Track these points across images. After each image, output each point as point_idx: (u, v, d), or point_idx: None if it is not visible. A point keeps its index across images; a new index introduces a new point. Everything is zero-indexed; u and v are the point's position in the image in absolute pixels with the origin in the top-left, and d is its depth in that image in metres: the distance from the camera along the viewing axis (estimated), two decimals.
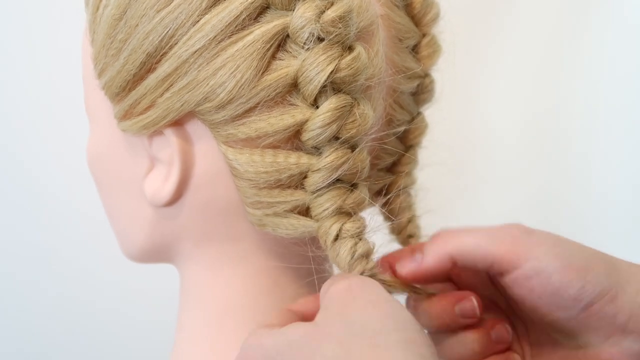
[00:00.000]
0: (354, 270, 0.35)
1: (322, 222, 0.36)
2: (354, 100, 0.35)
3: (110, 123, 0.39)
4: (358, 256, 0.35)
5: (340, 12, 0.33)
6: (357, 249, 0.35)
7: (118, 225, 0.45)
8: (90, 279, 0.87)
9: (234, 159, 0.36)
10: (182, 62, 0.34)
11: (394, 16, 0.40)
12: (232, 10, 0.34)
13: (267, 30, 0.34)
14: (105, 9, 0.37)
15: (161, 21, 0.35)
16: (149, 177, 0.39)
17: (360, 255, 0.35)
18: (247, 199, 0.37)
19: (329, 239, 0.36)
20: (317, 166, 0.35)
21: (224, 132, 0.36)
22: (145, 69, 0.36)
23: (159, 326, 0.77)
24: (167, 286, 0.63)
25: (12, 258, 0.88)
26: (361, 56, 0.35)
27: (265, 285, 0.41)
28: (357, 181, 0.37)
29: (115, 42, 0.37)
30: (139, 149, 0.39)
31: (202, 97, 0.35)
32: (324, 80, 0.33)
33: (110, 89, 0.38)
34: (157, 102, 0.36)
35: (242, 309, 0.41)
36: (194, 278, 0.42)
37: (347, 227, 0.35)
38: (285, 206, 0.36)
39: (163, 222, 0.41)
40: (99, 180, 0.45)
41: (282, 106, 0.35)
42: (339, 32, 0.33)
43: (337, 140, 0.35)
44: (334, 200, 0.35)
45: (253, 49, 0.34)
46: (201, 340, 0.42)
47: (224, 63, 0.34)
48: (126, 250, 0.45)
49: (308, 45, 0.34)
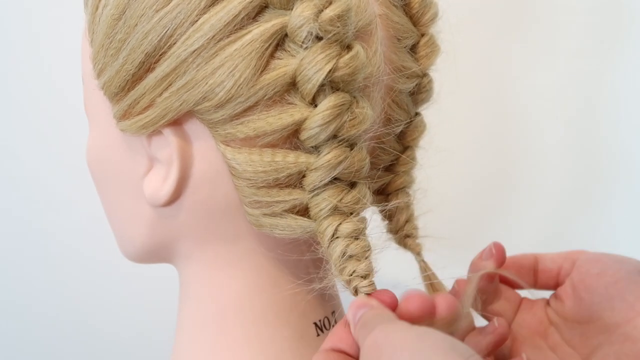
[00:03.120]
0: (344, 272, 0.35)
1: (319, 222, 0.36)
2: (352, 99, 0.35)
3: (110, 123, 0.39)
4: (347, 257, 0.35)
5: (338, 11, 0.33)
6: (347, 250, 0.35)
7: (117, 225, 0.45)
8: (89, 279, 0.87)
9: (232, 158, 0.36)
10: (180, 61, 0.35)
11: (392, 16, 0.40)
12: (231, 10, 0.34)
13: (265, 29, 0.34)
14: (104, 9, 0.37)
15: (160, 21, 0.35)
16: (148, 176, 0.39)
17: (350, 256, 0.35)
18: (245, 198, 0.37)
19: (325, 240, 0.36)
20: (315, 165, 0.35)
21: (223, 132, 0.36)
22: (144, 68, 0.36)
23: (159, 326, 0.77)
24: (166, 286, 0.64)
25: (12, 258, 0.88)
26: (359, 55, 0.35)
27: (264, 285, 0.41)
28: (356, 180, 0.37)
29: (114, 42, 0.37)
30: (138, 148, 0.39)
31: (201, 96, 0.35)
32: (323, 79, 0.33)
33: (109, 88, 0.38)
34: (156, 102, 0.36)
35: (241, 308, 0.41)
36: (193, 278, 0.42)
37: (343, 227, 0.35)
38: (284, 206, 0.36)
39: (162, 221, 0.41)
40: (98, 180, 0.45)
41: (280, 105, 0.35)
42: (338, 31, 0.33)
43: (335, 139, 0.35)
44: (330, 200, 0.35)
45: (251, 48, 0.34)
46: (201, 340, 0.42)
47: (222, 62, 0.34)
48: (125, 250, 0.45)
49: (306, 44, 0.34)
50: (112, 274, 0.85)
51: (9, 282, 0.89)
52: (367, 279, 0.35)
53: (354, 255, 0.35)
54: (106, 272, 0.86)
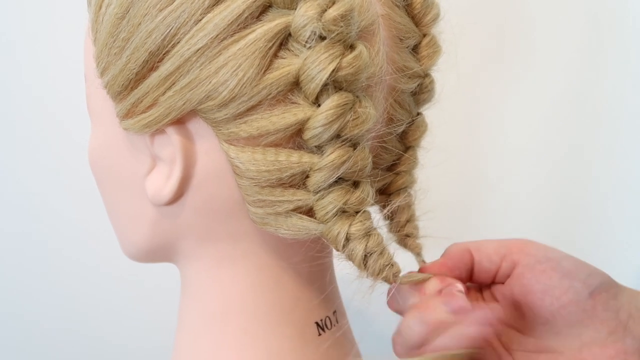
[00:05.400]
0: (374, 271, 0.36)
1: (328, 227, 0.36)
2: (355, 98, 0.35)
3: (113, 122, 0.40)
4: (370, 256, 0.36)
5: (342, 11, 0.33)
6: (367, 250, 0.36)
7: (119, 225, 0.45)
8: (90, 278, 0.87)
9: (235, 157, 0.36)
10: (184, 60, 0.35)
11: (394, 16, 0.40)
12: (235, 9, 0.34)
13: (269, 28, 0.34)
14: (107, 8, 0.37)
15: (164, 20, 0.35)
16: (151, 175, 0.39)
17: (372, 254, 0.36)
18: (248, 197, 0.37)
19: (339, 245, 0.36)
20: (319, 165, 0.35)
21: (226, 131, 0.36)
22: (148, 67, 0.36)
23: (159, 326, 0.77)
24: (168, 285, 0.64)
25: (12, 258, 0.88)
26: (363, 55, 0.35)
27: (267, 284, 0.41)
28: (360, 179, 0.37)
29: (117, 40, 0.37)
30: (140, 147, 0.39)
31: (204, 95, 0.35)
32: (326, 78, 0.33)
33: (112, 87, 0.38)
34: (160, 101, 0.36)
35: (243, 308, 0.41)
36: (195, 277, 0.42)
37: (354, 229, 0.36)
38: (288, 206, 0.36)
39: (164, 221, 0.41)
40: (101, 179, 0.45)
41: (284, 104, 0.35)
42: (341, 30, 0.33)
43: (338, 139, 0.35)
44: (336, 203, 0.36)
45: (255, 47, 0.34)
46: (202, 339, 0.42)
47: (226, 61, 0.34)
48: (127, 249, 0.45)
49: (310, 43, 0.34)
50: (113, 273, 0.85)
51: (9, 283, 0.89)
52: (395, 266, 0.37)
53: (374, 252, 0.36)
54: (107, 272, 0.86)
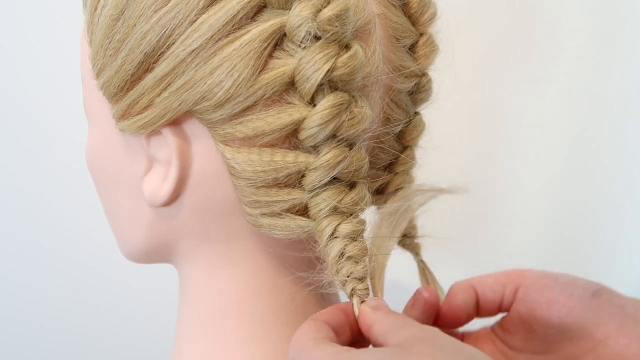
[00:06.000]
0: (340, 273, 0.35)
1: (318, 222, 0.36)
2: (351, 98, 0.35)
3: (109, 123, 0.40)
4: (344, 258, 0.35)
5: (336, 11, 0.33)
6: (345, 251, 0.35)
7: (117, 226, 0.45)
8: (89, 279, 0.87)
9: (231, 158, 0.36)
10: (179, 61, 0.35)
11: (390, 15, 0.40)
12: (229, 10, 0.34)
13: (264, 29, 0.34)
14: (103, 10, 0.38)
15: (158, 21, 0.35)
16: (147, 177, 0.39)
17: (347, 257, 0.35)
18: (244, 197, 0.37)
19: (323, 239, 0.36)
20: (315, 164, 0.35)
21: (222, 131, 0.36)
22: (143, 68, 0.36)
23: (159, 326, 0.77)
24: (166, 286, 0.64)
25: (12, 258, 0.88)
26: (358, 54, 0.35)
27: (264, 285, 0.41)
28: (356, 179, 0.37)
29: (113, 42, 0.37)
30: (137, 149, 0.39)
31: (200, 96, 0.35)
32: (321, 78, 0.33)
33: (108, 89, 0.38)
34: (155, 102, 0.36)
35: (241, 308, 0.41)
36: (192, 278, 0.42)
37: (342, 227, 0.35)
38: (283, 205, 0.36)
39: (161, 222, 0.41)
40: (98, 181, 0.45)
41: (279, 105, 0.35)
42: (336, 30, 0.33)
43: (334, 139, 0.35)
44: (330, 200, 0.35)
45: (250, 48, 0.34)
46: (200, 340, 0.42)
47: (221, 62, 0.34)
48: (125, 250, 0.45)
49: (305, 43, 0.34)
50: (111, 274, 0.85)
51: (9, 283, 0.89)
52: (363, 282, 0.35)
53: (351, 256, 0.35)
54: (105, 273, 0.86)
